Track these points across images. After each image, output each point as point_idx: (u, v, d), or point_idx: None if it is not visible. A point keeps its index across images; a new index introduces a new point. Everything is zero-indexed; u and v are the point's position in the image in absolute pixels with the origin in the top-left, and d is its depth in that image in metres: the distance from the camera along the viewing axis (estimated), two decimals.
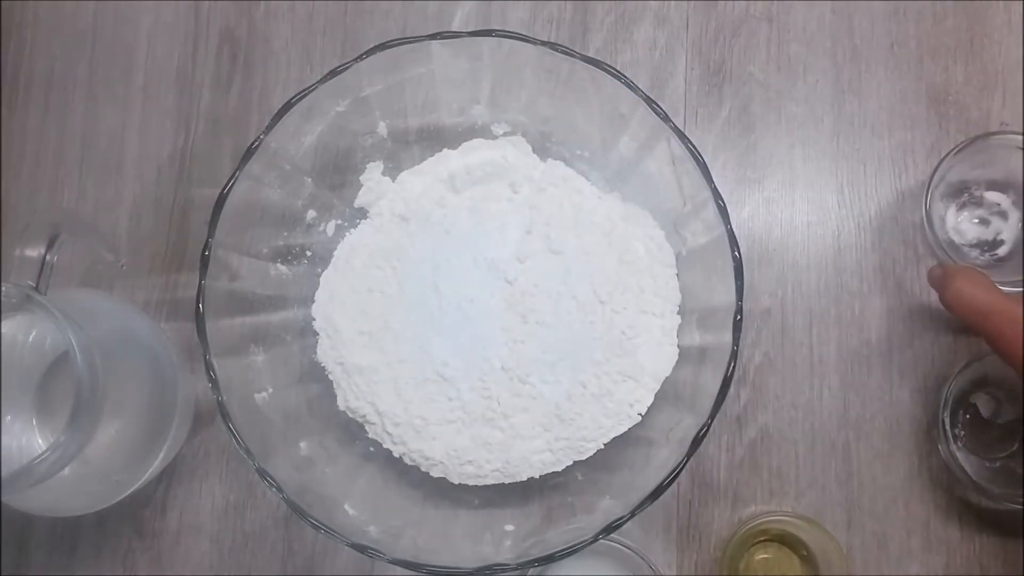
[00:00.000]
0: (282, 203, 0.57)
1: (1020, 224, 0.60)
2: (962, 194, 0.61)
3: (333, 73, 0.52)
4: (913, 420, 0.60)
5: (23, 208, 0.63)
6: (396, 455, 0.57)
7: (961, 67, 0.63)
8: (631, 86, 0.51)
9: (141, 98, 0.64)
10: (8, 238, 0.60)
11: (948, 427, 0.58)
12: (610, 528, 0.49)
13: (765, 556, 0.60)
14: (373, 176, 0.60)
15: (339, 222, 0.60)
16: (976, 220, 0.61)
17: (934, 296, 0.61)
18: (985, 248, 0.61)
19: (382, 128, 0.59)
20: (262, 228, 0.56)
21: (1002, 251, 0.61)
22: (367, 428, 0.57)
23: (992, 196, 0.61)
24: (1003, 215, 0.61)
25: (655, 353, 0.57)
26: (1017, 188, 0.60)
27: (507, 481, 0.56)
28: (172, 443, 0.54)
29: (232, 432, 0.50)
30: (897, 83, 0.63)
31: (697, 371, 0.55)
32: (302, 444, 0.55)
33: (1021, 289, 0.58)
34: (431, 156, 0.60)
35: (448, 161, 0.60)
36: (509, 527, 0.56)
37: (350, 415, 0.57)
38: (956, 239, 0.61)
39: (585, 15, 0.64)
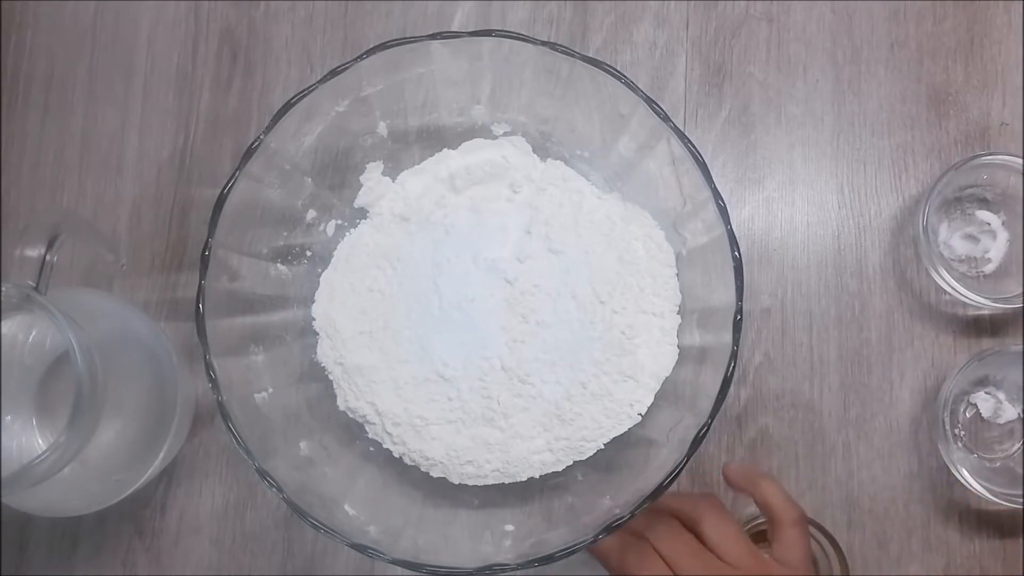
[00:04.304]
0: (282, 203, 0.57)
1: (1008, 244, 0.61)
2: (955, 210, 0.62)
3: (333, 73, 0.52)
4: (913, 420, 0.60)
5: (23, 208, 0.63)
6: (396, 455, 0.57)
7: (961, 67, 0.63)
8: (631, 86, 0.51)
9: (141, 98, 0.64)
10: (8, 238, 0.60)
11: (948, 427, 0.58)
12: (610, 528, 0.49)
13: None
14: (373, 176, 0.60)
15: (339, 222, 0.60)
16: (966, 236, 0.62)
17: (934, 296, 0.61)
18: (973, 264, 0.61)
19: (382, 128, 0.59)
20: (262, 228, 0.56)
21: (988, 269, 0.61)
22: (367, 428, 0.57)
23: (984, 215, 0.62)
24: (992, 234, 0.61)
25: (655, 353, 0.57)
26: (1009, 208, 0.61)
27: (507, 481, 0.56)
28: (172, 443, 0.54)
29: (232, 432, 0.50)
30: (897, 83, 0.63)
31: (697, 371, 0.55)
32: (302, 444, 0.55)
33: (1007, 306, 0.58)
34: (431, 156, 0.60)
35: (448, 161, 0.60)
36: (509, 527, 0.56)
37: (350, 415, 0.57)
38: (946, 253, 0.61)
39: (585, 15, 0.64)
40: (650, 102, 0.51)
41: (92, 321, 0.48)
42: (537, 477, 0.56)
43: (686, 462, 0.49)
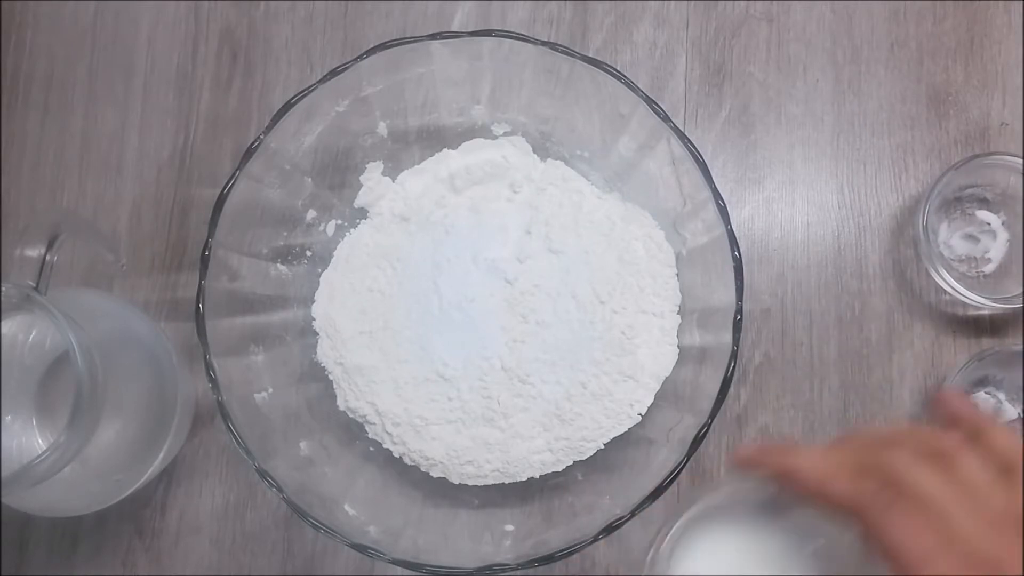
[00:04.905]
0: (282, 203, 0.57)
1: (1008, 244, 0.61)
2: (955, 210, 0.62)
3: (333, 73, 0.52)
4: (913, 420, 0.60)
5: (23, 208, 0.63)
6: (396, 455, 0.57)
7: (961, 67, 0.63)
8: (631, 86, 0.52)
9: (141, 98, 0.64)
10: (8, 238, 0.60)
11: None
12: (610, 528, 0.49)
13: None
14: (373, 176, 0.60)
15: (339, 222, 0.60)
16: (966, 236, 0.62)
17: (934, 296, 0.61)
18: (972, 264, 0.61)
19: (382, 128, 0.59)
20: (262, 228, 0.56)
21: (988, 269, 0.61)
22: (367, 428, 0.57)
23: (984, 215, 0.62)
24: (992, 234, 0.61)
25: (655, 353, 0.57)
26: (1009, 208, 0.61)
27: (507, 481, 0.56)
28: (172, 443, 0.54)
29: (232, 432, 0.50)
30: (897, 83, 0.63)
31: (697, 371, 0.55)
32: (302, 444, 0.55)
33: (1007, 306, 0.58)
34: (431, 156, 0.60)
35: (448, 161, 0.60)
36: (509, 527, 0.56)
37: (350, 415, 0.57)
38: (946, 253, 0.61)
39: (585, 15, 0.64)
40: (650, 102, 0.51)
41: (92, 321, 0.48)
42: (537, 477, 0.56)
43: (686, 462, 0.50)
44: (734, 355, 0.50)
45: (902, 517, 0.34)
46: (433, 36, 0.52)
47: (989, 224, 0.62)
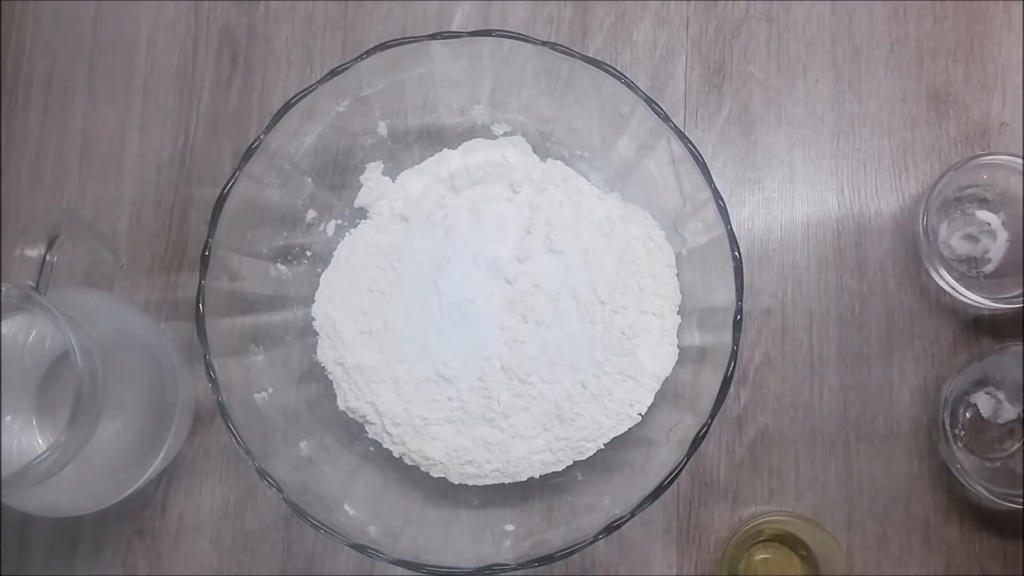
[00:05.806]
0: (282, 203, 0.57)
1: (1008, 244, 0.61)
2: (955, 210, 0.62)
3: (333, 73, 0.52)
4: (913, 420, 0.60)
5: (23, 208, 0.63)
6: (396, 455, 0.57)
7: (961, 67, 0.64)
8: (631, 86, 0.52)
9: (141, 98, 0.64)
10: (8, 238, 0.60)
11: (948, 427, 0.58)
12: (610, 528, 0.49)
13: (765, 556, 0.60)
14: (373, 176, 0.60)
15: (339, 222, 0.60)
16: (966, 237, 0.62)
17: (934, 296, 0.61)
18: (972, 264, 0.62)
19: (382, 128, 0.59)
20: (262, 228, 0.56)
21: (988, 269, 0.62)
22: (367, 428, 0.57)
23: (984, 215, 0.62)
24: (992, 234, 0.61)
25: (655, 353, 0.57)
26: (1008, 209, 0.61)
27: (507, 481, 0.56)
28: (172, 443, 0.54)
29: (232, 432, 0.50)
30: (897, 83, 0.63)
31: (697, 371, 0.55)
32: (302, 444, 0.55)
33: (1007, 306, 0.58)
34: (431, 156, 0.60)
35: (448, 161, 0.60)
36: (509, 527, 0.56)
37: (350, 415, 0.57)
38: (946, 253, 0.61)
39: (585, 15, 0.64)
40: (650, 102, 0.51)
41: (92, 321, 0.48)
42: (537, 477, 0.56)
43: (686, 462, 0.50)
44: (734, 355, 0.50)
45: None
46: (433, 36, 0.52)
47: (989, 224, 0.62)
